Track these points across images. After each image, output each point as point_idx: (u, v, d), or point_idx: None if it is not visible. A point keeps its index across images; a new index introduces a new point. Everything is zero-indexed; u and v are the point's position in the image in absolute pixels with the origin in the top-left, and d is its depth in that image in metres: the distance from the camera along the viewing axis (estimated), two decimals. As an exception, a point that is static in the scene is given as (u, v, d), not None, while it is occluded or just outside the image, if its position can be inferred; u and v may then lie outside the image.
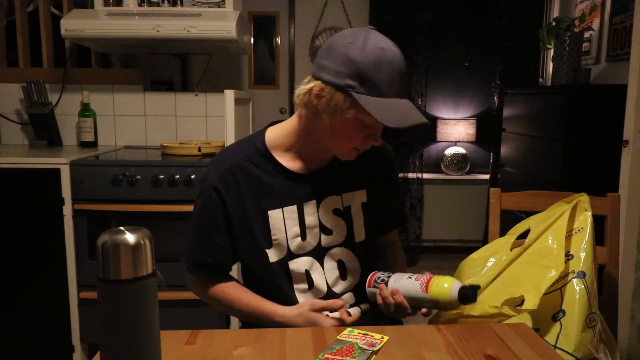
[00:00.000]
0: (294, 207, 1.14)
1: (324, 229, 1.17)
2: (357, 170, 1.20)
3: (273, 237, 1.14)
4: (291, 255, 1.15)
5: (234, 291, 1.19)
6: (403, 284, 1.05)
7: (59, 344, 2.14)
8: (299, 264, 1.16)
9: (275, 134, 1.17)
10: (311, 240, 1.16)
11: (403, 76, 1.02)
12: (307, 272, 1.16)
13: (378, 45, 1.00)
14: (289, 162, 1.16)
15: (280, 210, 1.14)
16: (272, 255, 1.15)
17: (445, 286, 1.00)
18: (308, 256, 1.16)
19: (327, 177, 1.17)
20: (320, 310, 1.10)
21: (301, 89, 1.08)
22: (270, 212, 1.13)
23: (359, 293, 1.20)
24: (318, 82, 1.04)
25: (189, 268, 1.21)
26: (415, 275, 1.06)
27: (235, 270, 1.33)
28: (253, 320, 1.17)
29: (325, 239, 1.17)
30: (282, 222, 1.14)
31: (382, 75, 0.99)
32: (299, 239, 1.15)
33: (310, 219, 1.15)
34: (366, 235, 1.21)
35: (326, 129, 1.07)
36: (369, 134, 1.07)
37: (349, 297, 1.20)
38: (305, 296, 1.17)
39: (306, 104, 1.07)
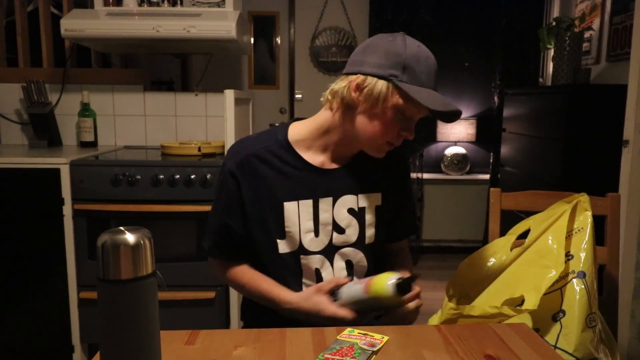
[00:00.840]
0: (309, 201, 1.15)
1: (336, 227, 1.17)
2: (374, 173, 1.21)
3: (286, 229, 1.15)
4: (303, 250, 1.16)
5: (247, 274, 1.20)
6: (348, 291, 1.09)
7: (59, 344, 2.14)
8: (310, 261, 1.17)
9: (298, 129, 1.19)
10: (324, 238, 1.17)
11: (437, 71, 1.11)
12: (317, 270, 1.17)
13: (415, 43, 1.09)
14: (309, 156, 1.17)
15: (295, 202, 1.15)
16: (283, 247, 1.16)
17: (382, 282, 1.03)
18: (320, 255, 1.17)
19: (346, 176, 1.18)
20: (327, 292, 1.10)
21: (336, 85, 1.12)
22: (285, 204, 1.14)
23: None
24: (358, 75, 1.08)
25: (207, 252, 1.23)
26: (361, 280, 1.10)
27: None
28: (265, 305, 1.18)
29: (336, 238, 1.17)
30: (297, 215, 1.15)
31: (422, 67, 1.07)
32: (312, 234, 1.16)
33: (325, 215, 1.16)
34: (376, 239, 1.21)
35: (362, 122, 1.10)
36: (405, 127, 1.10)
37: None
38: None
39: (343, 99, 1.10)
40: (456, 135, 4.00)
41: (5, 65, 2.65)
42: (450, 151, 4.05)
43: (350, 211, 1.18)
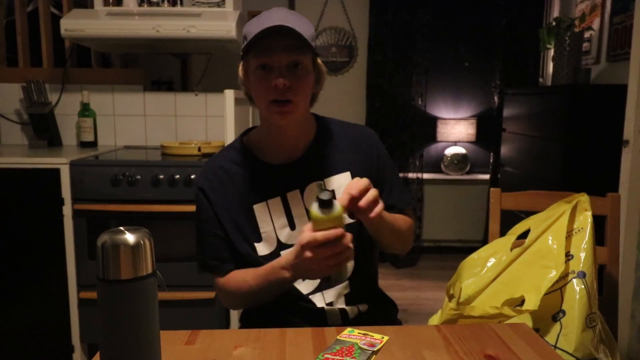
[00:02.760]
0: (277, 199, 1.16)
1: None
2: (337, 154, 1.20)
3: (261, 231, 1.16)
4: (282, 246, 1.16)
5: (240, 274, 1.17)
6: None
7: (59, 344, 2.14)
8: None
9: (251, 134, 1.24)
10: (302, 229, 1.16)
11: (281, 13, 1.09)
12: None
13: (268, 10, 1.11)
14: (267, 156, 1.19)
15: (264, 203, 1.16)
16: (263, 249, 1.16)
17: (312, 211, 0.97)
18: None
19: (307, 165, 1.18)
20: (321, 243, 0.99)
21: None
22: (255, 207, 1.16)
23: (356, 283, 1.19)
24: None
25: (200, 268, 1.22)
26: None
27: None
28: (273, 291, 1.12)
29: None
30: (268, 214, 1.16)
31: (253, 24, 1.08)
32: (288, 228, 1.16)
33: (297, 208, 1.16)
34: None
35: (255, 101, 1.15)
36: (273, 77, 1.08)
37: (344, 285, 1.19)
38: (300, 286, 1.17)
39: (245, 91, 1.19)
40: (456, 135, 4.00)
41: (5, 65, 2.65)
42: (450, 151, 4.05)
43: None
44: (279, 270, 1.07)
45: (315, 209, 0.96)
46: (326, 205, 0.95)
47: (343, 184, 1.18)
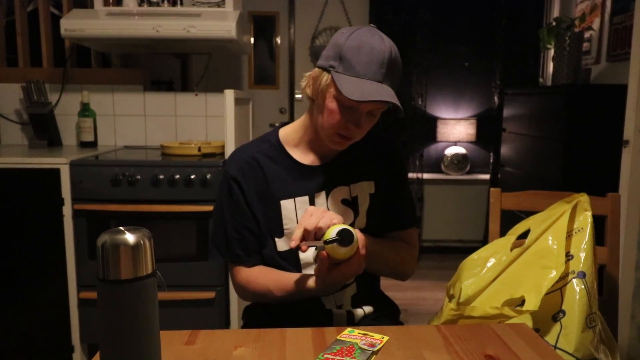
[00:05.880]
0: (305, 198, 1.18)
1: None
2: (364, 163, 1.23)
3: (285, 227, 1.17)
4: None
5: (262, 281, 1.18)
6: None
7: (59, 344, 2.14)
8: (307, 254, 1.17)
9: (287, 131, 1.24)
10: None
11: (385, 63, 1.05)
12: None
13: (366, 34, 1.07)
14: (300, 155, 1.21)
15: (292, 200, 1.17)
16: (282, 245, 1.17)
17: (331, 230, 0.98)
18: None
19: (336, 169, 1.20)
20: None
21: (303, 82, 1.16)
22: (282, 202, 1.17)
23: (361, 285, 1.21)
24: (314, 70, 1.13)
25: (224, 257, 1.21)
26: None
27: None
28: (293, 300, 1.15)
29: None
30: (294, 212, 1.17)
31: (361, 57, 1.05)
32: None
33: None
34: (367, 224, 1.21)
35: (316, 114, 1.14)
36: (350, 118, 1.09)
37: (352, 288, 1.20)
38: None
39: (306, 94, 1.16)
40: (456, 136, 4.00)
41: (5, 65, 2.65)
42: (450, 151, 4.05)
43: (344, 202, 1.20)
44: (306, 288, 1.10)
45: (334, 246, 0.97)
46: (347, 243, 0.97)
47: (367, 191, 1.21)
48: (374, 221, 1.23)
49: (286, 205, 1.17)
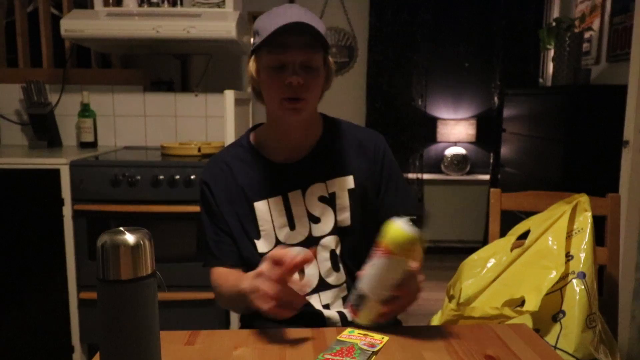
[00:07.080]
0: (278, 198, 1.16)
1: (312, 218, 1.17)
2: (341, 157, 1.20)
3: (261, 228, 1.16)
4: (280, 245, 1.16)
5: (222, 279, 1.16)
6: (366, 280, 0.93)
7: (59, 344, 2.14)
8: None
9: (258, 131, 1.25)
10: (302, 230, 1.16)
11: (295, 13, 1.06)
12: None
13: (280, 6, 1.11)
14: (272, 154, 1.20)
15: (265, 201, 1.17)
16: (261, 246, 1.16)
17: (395, 230, 0.88)
18: (299, 247, 1.15)
19: (311, 166, 1.18)
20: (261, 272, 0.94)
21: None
22: (256, 204, 1.16)
23: (351, 282, 1.17)
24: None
25: (205, 263, 1.22)
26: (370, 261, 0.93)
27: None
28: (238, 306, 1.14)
29: (315, 228, 1.17)
30: (269, 213, 1.16)
31: (270, 18, 1.07)
32: (287, 228, 1.16)
33: (298, 208, 1.16)
34: (352, 221, 1.17)
35: (264, 96, 1.14)
36: (286, 75, 1.07)
37: (341, 289, 1.18)
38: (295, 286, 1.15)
39: (253, 90, 1.19)
40: (456, 136, 4.00)
41: (5, 66, 2.65)
42: (450, 152, 4.05)
43: (322, 199, 1.17)
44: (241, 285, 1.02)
45: (407, 225, 0.87)
46: (420, 225, 0.88)
47: (345, 187, 1.18)
48: (359, 219, 1.18)
49: (260, 207, 1.16)
